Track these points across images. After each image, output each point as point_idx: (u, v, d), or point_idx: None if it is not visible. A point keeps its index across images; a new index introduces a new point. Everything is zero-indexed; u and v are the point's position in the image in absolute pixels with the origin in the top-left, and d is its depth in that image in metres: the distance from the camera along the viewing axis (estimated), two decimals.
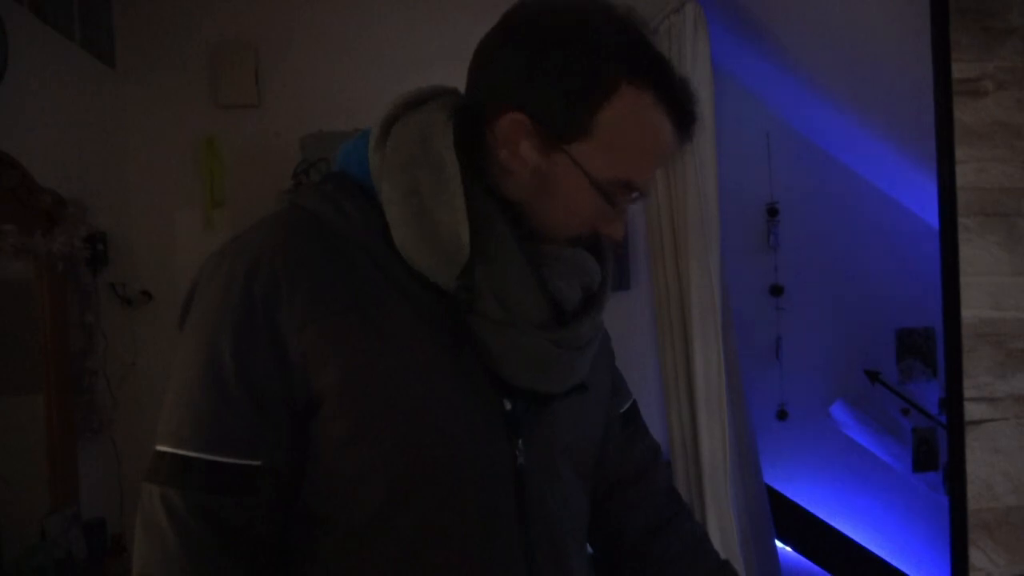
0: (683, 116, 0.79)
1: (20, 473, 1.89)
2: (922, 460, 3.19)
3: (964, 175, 1.62)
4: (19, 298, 1.96)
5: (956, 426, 1.62)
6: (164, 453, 0.75)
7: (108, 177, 2.44)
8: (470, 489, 0.78)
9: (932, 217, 1.79)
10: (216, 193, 2.57)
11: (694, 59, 2.36)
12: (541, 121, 0.77)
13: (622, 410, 1.03)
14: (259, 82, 2.62)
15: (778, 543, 2.93)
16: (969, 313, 1.62)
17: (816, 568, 3.14)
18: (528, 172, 0.79)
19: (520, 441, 0.81)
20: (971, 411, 1.61)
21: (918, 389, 3.21)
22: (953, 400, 1.63)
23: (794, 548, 3.14)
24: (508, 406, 0.80)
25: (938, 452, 3.16)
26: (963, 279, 1.61)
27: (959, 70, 1.63)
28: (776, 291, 3.14)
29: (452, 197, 0.75)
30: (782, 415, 3.13)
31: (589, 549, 1.00)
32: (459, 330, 0.77)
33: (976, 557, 1.61)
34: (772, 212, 3.14)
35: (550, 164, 0.78)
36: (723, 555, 1.03)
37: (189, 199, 2.58)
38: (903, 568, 3.16)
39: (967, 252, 1.62)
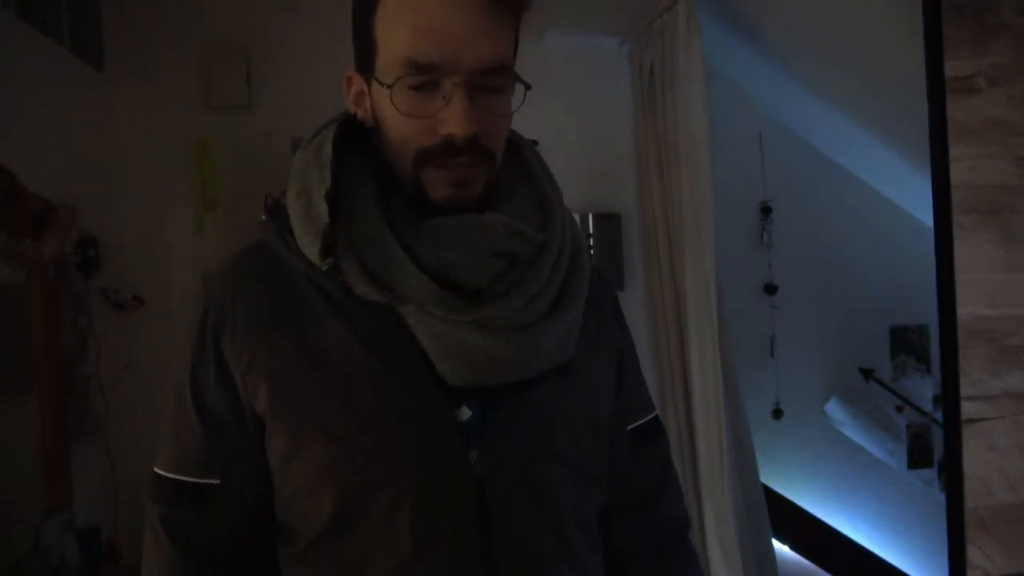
0: None
1: (13, 479, 1.88)
2: (917, 457, 3.20)
3: (958, 173, 1.62)
4: (10, 303, 1.94)
5: (953, 424, 1.62)
6: (153, 472, 0.84)
7: (99, 181, 2.42)
8: (420, 502, 0.76)
9: (926, 215, 1.79)
10: (208, 196, 2.55)
11: (687, 58, 2.35)
12: (358, 67, 0.81)
13: (631, 425, 0.95)
14: (250, 83, 2.61)
15: (775, 541, 2.93)
16: (964, 311, 1.62)
17: (813, 566, 3.15)
18: (370, 119, 0.81)
19: (474, 451, 0.77)
20: (967, 409, 1.61)
21: (912, 385, 3.23)
22: (949, 398, 1.63)
23: (791, 546, 3.15)
24: (468, 413, 0.78)
25: (932, 448, 3.18)
26: (958, 277, 1.62)
27: (952, 67, 1.63)
28: (770, 290, 3.15)
29: (324, 183, 0.77)
30: (777, 413, 3.14)
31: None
32: (404, 340, 0.76)
33: (973, 554, 1.61)
34: (766, 211, 3.15)
35: (371, 98, 0.80)
36: (720, 554, 1.00)
37: (181, 202, 2.56)
38: (899, 565, 3.17)
39: (962, 250, 1.62)
